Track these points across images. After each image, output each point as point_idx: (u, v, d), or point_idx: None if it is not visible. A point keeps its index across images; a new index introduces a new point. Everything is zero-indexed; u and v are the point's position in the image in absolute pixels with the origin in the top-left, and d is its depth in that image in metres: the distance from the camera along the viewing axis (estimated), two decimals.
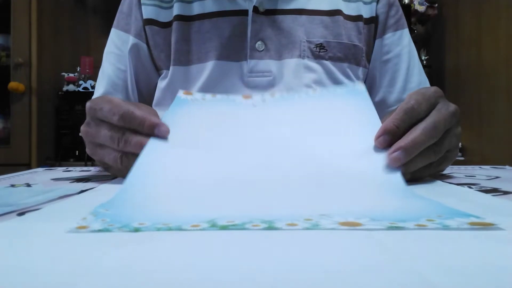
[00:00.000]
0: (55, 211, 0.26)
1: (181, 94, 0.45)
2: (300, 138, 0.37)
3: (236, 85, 0.62)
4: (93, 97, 0.67)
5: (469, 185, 0.36)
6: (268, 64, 0.62)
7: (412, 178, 0.36)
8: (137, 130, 0.36)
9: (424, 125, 0.35)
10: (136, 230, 0.20)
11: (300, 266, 0.15)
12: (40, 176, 0.44)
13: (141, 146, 0.35)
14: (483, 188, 0.34)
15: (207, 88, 0.62)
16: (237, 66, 0.62)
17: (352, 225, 0.21)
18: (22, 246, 0.18)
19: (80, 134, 0.40)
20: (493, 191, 0.33)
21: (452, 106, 0.37)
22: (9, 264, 0.16)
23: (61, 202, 0.28)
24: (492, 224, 0.20)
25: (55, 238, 0.19)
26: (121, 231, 0.20)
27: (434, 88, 0.39)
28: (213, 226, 0.21)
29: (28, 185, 0.37)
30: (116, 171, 0.40)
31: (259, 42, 0.62)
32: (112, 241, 0.19)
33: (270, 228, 0.20)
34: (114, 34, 0.67)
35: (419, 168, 0.36)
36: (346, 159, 0.34)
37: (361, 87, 0.44)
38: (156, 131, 0.36)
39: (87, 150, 0.40)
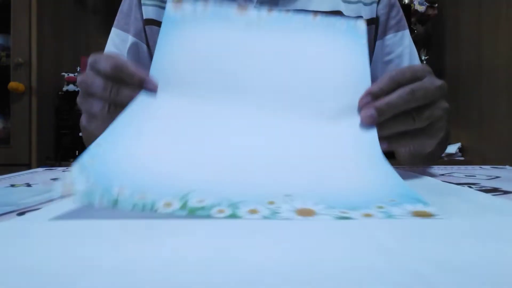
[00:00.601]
0: (55, 211, 0.26)
1: (170, 6, 0.42)
2: (285, 92, 0.38)
3: None
4: None
5: (469, 184, 0.36)
6: None
7: (389, 148, 0.37)
8: (127, 82, 0.37)
9: (404, 89, 0.36)
10: (115, 202, 0.22)
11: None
12: (40, 176, 0.44)
13: (132, 99, 0.36)
14: (483, 188, 0.34)
15: None
16: None
17: (307, 213, 0.23)
18: (22, 245, 0.18)
19: (76, 84, 0.41)
20: (493, 190, 0.33)
21: (438, 81, 0.38)
22: (9, 264, 0.16)
23: (61, 202, 0.28)
24: (432, 214, 0.23)
25: (55, 237, 0.19)
26: (101, 204, 0.22)
27: (423, 65, 0.39)
28: (183, 207, 0.23)
29: (28, 185, 0.37)
30: (99, 124, 0.39)
31: None
32: (111, 240, 0.19)
33: (233, 216, 0.22)
34: (114, 34, 0.67)
35: (395, 136, 0.37)
36: (325, 124, 0.36)
37: (361, 26, 0.42)
38: (145, 86, 0.37)
39: (78, 99, 0.41)
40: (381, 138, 0.35)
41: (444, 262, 0.15)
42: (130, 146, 0.29)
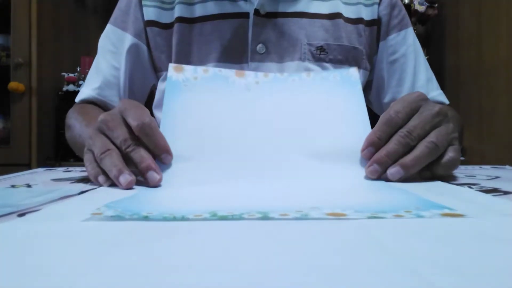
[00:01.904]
0: (56, 212, 0.26)
1: (172, 72, 0.43)
2: (292, 137, 0.39)
3: None
4: (84, 88, 0.68)
5: (469, 185, 0.36)
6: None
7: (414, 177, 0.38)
8: (147, 144, 0.37)
9: (399, 134, 0.37)
10: (145, 217, 0.23)
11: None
12: (41, 177, 0.44)
13: (147, 168, 0.35)
14: (483, 188, 0.34)
15: None
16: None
17: (337, 215, 0.23)
18: (22, 246, 0.18)
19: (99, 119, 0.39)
20: (493, 191, 0.33)
21: (435, 107, 0.38)
22: (10, 265, 0.16)
23: (61, 203, 0.28)
24: (462, 215, 0.23)
25: (55, 238, 0.19)
26: (132, 219, 0.22)
27: (417, 93, 0.40)
28: (214, 215, 0.23)
29: (29, 185, 0.37)
30: (91, 159, 0.38)
31: (260, 45, 0.62)
32: (112, 241, 0.19)
33: (265, 218, 0.22)
34: (111, 31, 0.67)
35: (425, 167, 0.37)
36: (336, 160, 0.38)
37: (354, 74, 0.45)
38: (164, 156, 0.37)
39: (89, 131, 0.40)
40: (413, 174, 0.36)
41: (446, 263, 0.16)
42: (153, 196, 0.31)
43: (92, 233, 0.20)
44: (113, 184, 0.35)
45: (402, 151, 0.36)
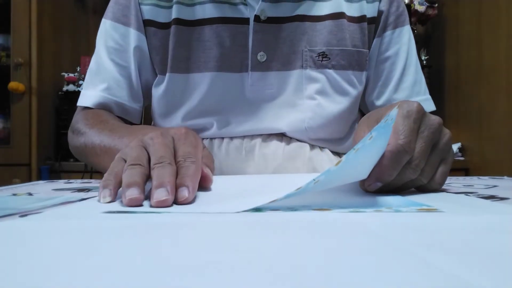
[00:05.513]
0: (57, 214, 0.26)
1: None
2: None
3: (237, 98, 0.60)
4: (87, 90, 0.63)
5: (467, 193, 0.36)
6: (270, 76, 0.60)
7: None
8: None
9: (410, 171, 0.33)
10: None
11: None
12: (42, 187, 0.44)
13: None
14: (480, 196, 0.34)
15: (206, 99, 0.60)
16: (237, 77, 0.60)
17: (323, 210, 0.26)
18: (24, 244, 0.18)
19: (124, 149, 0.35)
20: (490, 198, 0.33)
21: (434, 122, 0.35)
22: (10, 262, 0.16)
23: (63, 207, 0.29)
24: (435, 209, 0.26)
25: (57, 236, 0.20)
26: (134, 212, 0.26)
27: (416, 106, 0.34)
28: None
29: (30, 194, 0.37)
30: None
31: (260, 53, 0.60)
32: (109, 235, 0.20)
33: (256, 210, 0.26)
34: (111, 27, 0.63)
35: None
36: None
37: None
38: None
39: (132, 141, 0.36)
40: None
41: (441, 246, 0.17)
42: None
43: (90, 227, 0.22)
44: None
45: (408, 179, 0.34)
